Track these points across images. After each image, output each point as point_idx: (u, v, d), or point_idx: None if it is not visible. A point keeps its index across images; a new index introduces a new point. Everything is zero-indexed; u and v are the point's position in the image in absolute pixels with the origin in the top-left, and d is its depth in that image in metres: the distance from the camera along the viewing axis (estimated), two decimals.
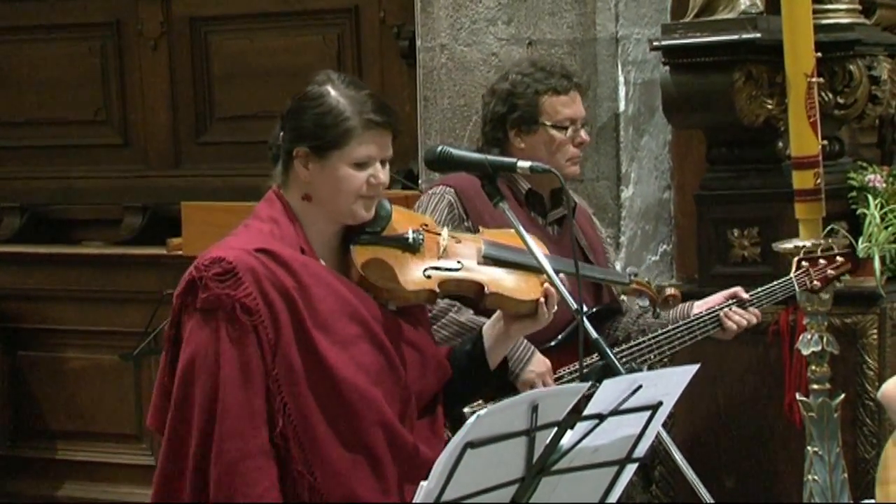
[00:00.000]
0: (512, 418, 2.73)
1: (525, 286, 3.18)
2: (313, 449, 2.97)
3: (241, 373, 2.94)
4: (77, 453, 7.13)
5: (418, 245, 3.15)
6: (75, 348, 7.14)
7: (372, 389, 3.01)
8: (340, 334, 3.01)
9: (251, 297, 2.96)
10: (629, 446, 2.93)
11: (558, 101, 4.04)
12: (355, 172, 3.06)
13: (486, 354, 3.20)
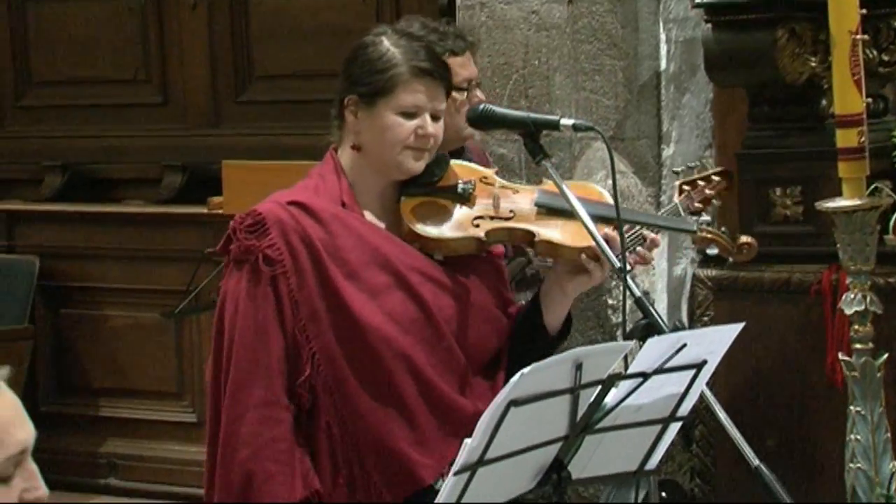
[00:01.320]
0: (556, 376, 2.74)
1: (578, 234, 3.15)
2: (343, 398, 2.98)
3: (253, 324, 2.97)
4: (119, 410, 7.18)
5: (468, 194, 3.14)
6: (117, 306, 7.17)
7: (401, 339, 3.01)
8: (369, 283, 3.02)
9: (275, 247, 2.98)
10: (673, 405, 2.93)
11: (455, 63, 4.00)
12: (402, 121, 3.05)
13: (543, 316, 3.19)
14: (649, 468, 3.04)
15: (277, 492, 2.92)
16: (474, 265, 3.17)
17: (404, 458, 3.00)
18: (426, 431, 3.03)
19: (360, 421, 2.99)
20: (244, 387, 2.95)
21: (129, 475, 7.10)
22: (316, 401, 2.99)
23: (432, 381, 3.03)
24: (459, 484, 2.72)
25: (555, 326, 3.20)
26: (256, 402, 2.95)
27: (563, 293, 3.17)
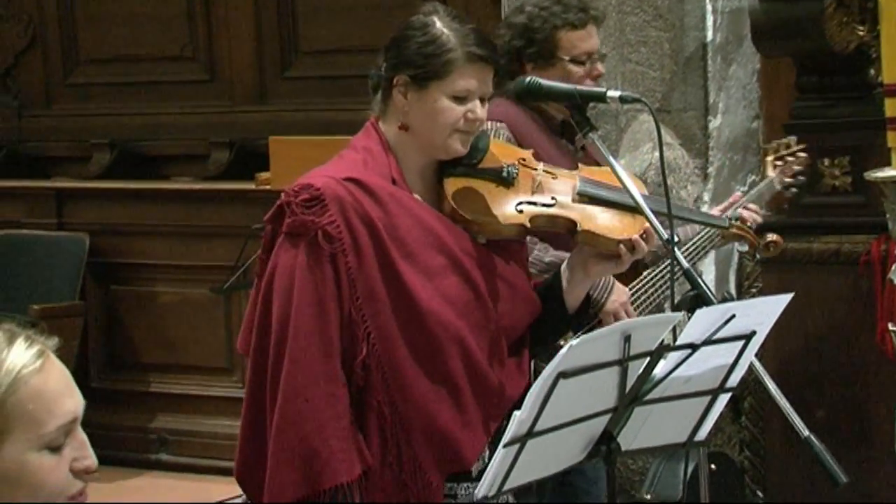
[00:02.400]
0: (604, 348, 2.74)
1: (619, 225, 3.15)
2: (395, 378, 2.98)
3: (314, 300, 2.96)
4: (169, 386, 7.22)
5: (512, 178, 3.13)
6: (166, 282, 7.21)
7: (456, 321, 3.01)
8: (426, 265, 3.02)
9: (334, 224, 2.97)
10: (722, 376, 2.93)
11: (575, 36, 4.00)
12: (453, 105, 3.05)
13: (564, 295, 3.18)
14: (699, 439, 3.04)
15: (339, 469, 2.92)
16: (509, 246, 3.17)
17: (451, 439, 3.01)
18: (471, 413, 3.04)
19: (410, 400, 3.00)
20: (305, 361, 2.95)
21: (179, 450, 7.15)
22: (368, 379, 2.99)
23: (480, 363, 3.04)
24: (509, 456, 2.73)
25: (573, 304, 3.19)
26: (318, 377, 2.95)
27: (585, 275, 3.17)
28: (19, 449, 1.92)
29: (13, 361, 1.93)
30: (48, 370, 1.96)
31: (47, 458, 1.94)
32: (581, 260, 3.16)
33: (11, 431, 1.91)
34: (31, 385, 1.93)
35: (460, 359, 3.01)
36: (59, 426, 1.95)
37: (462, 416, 3.01)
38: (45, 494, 1.93)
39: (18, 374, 1.92)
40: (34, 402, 1.93)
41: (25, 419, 1.92)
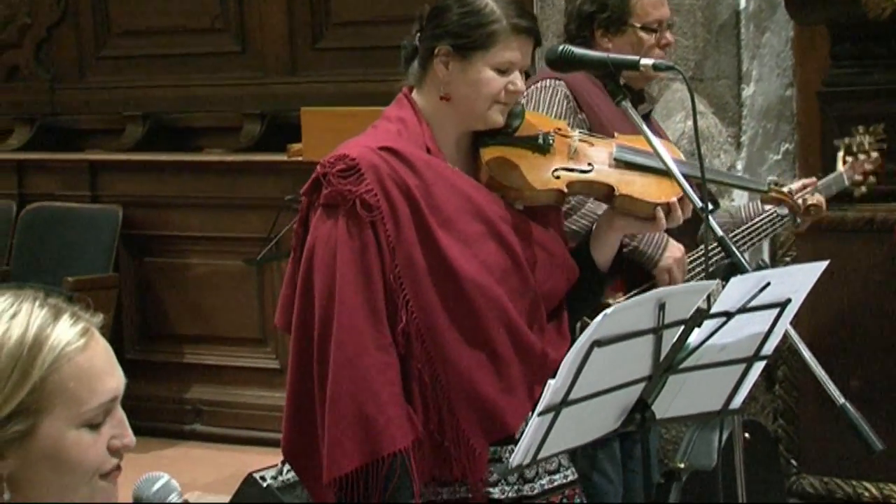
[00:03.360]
0: (639, 316, 2.73)
1: (656, 189, 3.14)
2: (436, 346, 2.99)
3: (358, 269, 2.96)
4: (203, 357, 7.25)
5: (548, 146, 3.13)
6: (199, 254, 7.24)
7: (495, 288, 3.01)
8: (464, 232, 3.02)
9: (372, 193, 2.97)
10: (757, 344, 2.92)
11: (649, 3, 3.99)
12: (496, 77, 3.04)
13: (592, 253, 3.17)
14: (733, 408, 3.03)
15: (396, 435, 2.93)
16: (546, 212, 3.17)
17: (492, 406, 3.01)
18: (512, 379, 3.04)
19: (451, 368, 3.00)
20: (355, 330, 2.95)
21: (213, 421, 7.18)
22: (409, 347, 2.99)
23: (521, 329, 3.04)
24: (543, 425, 2.73)
25: (602, 261, 3.19)
26: (369, 345, 2.95)
27: (609, 229, 3.17)
28: (58, 426, 1.92)
29: (57, 338, 1.93)
30: (92, 348, 1.97)
31: (86, 436, 1.95)
32: (608, 221, 3.16)
33: (52, 408, 1.92)
34: (74, 363, 1.93)
35: (501, 325, 3.01)
36: (100, 405, 1.95)
37: (503, 382, 3.02)
38: (82, 471, 1.94)
39: (62, 351, 1.93)
40: (76, 380, 1.93)
41: (66, 397, 1.92)
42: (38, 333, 1.93)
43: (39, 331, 1.93)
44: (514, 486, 3.05)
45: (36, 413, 1.91)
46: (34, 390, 1.90)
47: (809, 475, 5.44)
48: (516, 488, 3.05)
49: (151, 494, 2.04)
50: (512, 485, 3.05)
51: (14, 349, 1.91)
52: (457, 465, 3.00)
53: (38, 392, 1.91)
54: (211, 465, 6.45)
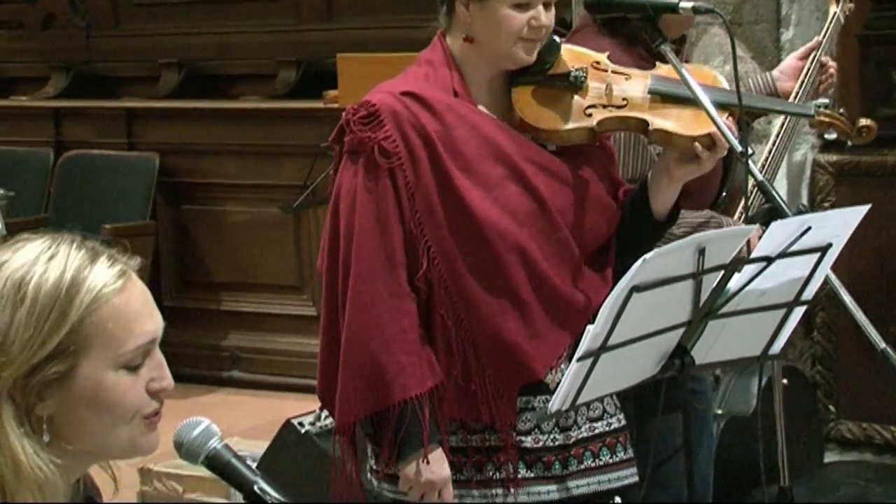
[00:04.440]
0: (678, 261, 2.72)
1: (693, 122, 3.08)
2: (458, 291, 2.98)
3: (375, 216, 2.96)
4: (241, 304, 7.28)
5: (581, 82, 3.08)
6: (236, 202, 7.25)
7: (517, 232, 2.99)
8: (485, 176, 3.00)
9: (390, 139, 2.96)
10: (797, 289, 2.90)
11: None
12: (515, 13, 3.00)
13: (650, 201, 3.14)
14: (773, 353, 3.02)
15: (409, 383, 2.93)
16: (586, 152, 3.13)
17: (518, 351, 3.00)
18: (539, 324, 3.02)
19: (474, 314, 2.99)
20: (370, 277, 2.95)
21: (251, 368, 7.22)
22: (431, 294, 2.99)
23: (546, 273, 3.02)
24: (582, 370, 2.73)
25: (662, 212, 3.14)
26: (383, 292, 2.95)
27: (670, 179, 3.11)
28: (96, 367, 1.93)
29: (94, 280, 1.94)
30: (129, 290, 1.97)
31: (124, 378, 1.95)
32: (664, 165, 3.11)
33: (89, 350, 1.92)
34: (111, 304, 1.94)
35: (523, 269, 2.99)
36: (137, 346, 1.96)
37: (529, 327, 3.00)
38: (121, 413, 1.95)
39: (99, 292, 1.93)
40: (113, 321, 1.94)
41: (104, 338, 1.93)
42: (75, 275, 1.93)
43: (77, 272, 1.93)
44: (550, 435, 3.04)
45: (74, 354, 1.91)
46: (72, 332, 1.91)
47: (848, 421, 5.43)
48: (551, 437, 3.04)
49: (192, 439, 2.05)
50: (547, 433, 3.04)
51: (51, 291, 1.91)
52: (485, 410, 2.99)
53: (76, 334, 1.91)
54: (249, 411, 6.48)
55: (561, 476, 3.04)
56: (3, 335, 1.89)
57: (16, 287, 1.91)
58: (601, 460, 3.08)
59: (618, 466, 3.10)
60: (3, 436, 1.88)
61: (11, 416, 1.89)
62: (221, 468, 2.05)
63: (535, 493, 3.03)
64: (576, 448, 3.05)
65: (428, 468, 2.94)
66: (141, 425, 1.97)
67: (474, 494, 3.01)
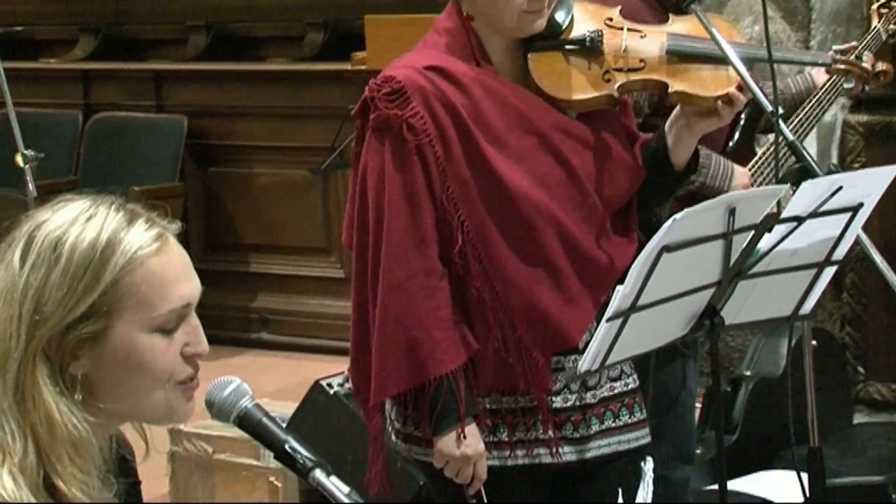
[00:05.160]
0: (708, 222, 2.71)
1: (712, 81, 3.06)
2: (492, 264, 2.97)
3: (405, 195, 2.95)
4: (269, 266, 7.29)
5: (596, 45, 3.04)
6: (264, 164, 7.25)
7: (549, 202, 2.98)
8: (515, 148, 2.98)
9: (418, 116, 2.94)
10: (828, 249, 2.89)
11: None
12: None
13: (669, 153, 3.12)
14: (803, 313, 3.01)
15: (444, 359, 2.93)
16: (603, 116, 3.11)
17: (554, 319, 2.99)
18: (572, 291, 3.01)
19: (509, 285, 2.99)
20: (402, 256, 2.95)
21: (279, 329, 7.24)
22: (466, 267, 2.99)
23: (578, 240, 3.01)
24: (612, 330, 2.73)
25: (681, 163, 3.12)
26: (416, 270, 2.95)
27: (689, 132, 3.09)
28: (130, 329, 1.93)
29: (131, 242, 1.94)
30: (166, 254, 1.97)
31: (158, 341, 1.96)
32: (683, 119, 3.09)
33: (123, 311, 1.93)
34: (146, 267, 1.94)
35: (557, 238, 2.99)
36: (172, 310, 1.96)
37: (563, 295, 3.00)
38: (154, 376, 1.95)
39: (134, 255, 1.94)
40: (147, 284, 1.94)
41: (137, 300, 1.93)
42: (111, 236, 1.94)
43: (113, 234, 1.94)
44: (577, 395, 3.05)
45: (108, 315, 1.92)
46: (105, 292, 1.92)
47: (877, 382, 5.42)
48: (578, 396, 3.05)
49: (224, 398, 2.05)
50: (574, 393, 3.05)
51: (87, 251, 1.92)
52: (521, 379, 3.00)
53: (110, 295, 1.92)
54: (278, 372, 6.50)
55: (584, 437, 3.05)
56: (38, 294, 1.91)
57: (52, 247, 1.92)
58: (620, 420, 3.09)
59: (634, 427, 3.11)
60: (37, 393, 1.90)
61: (46, 375, 1.90)
62: (252, 427, 2.06)
63: (561, 453, 3.04)
64: (597, 408, 3.06)
65: (464, 443, 2.95)
66: (176, 391, 1.98)
67: (506, 455, 3.02)
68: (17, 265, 1.92)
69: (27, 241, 1.94)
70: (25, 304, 1.90)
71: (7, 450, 1.88)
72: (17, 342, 1.90)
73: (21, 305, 1.91)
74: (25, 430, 1.89)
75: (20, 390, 1.90)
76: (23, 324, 1.90)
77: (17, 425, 1.89)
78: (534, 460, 3.03)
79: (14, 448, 1.88)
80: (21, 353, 1.90)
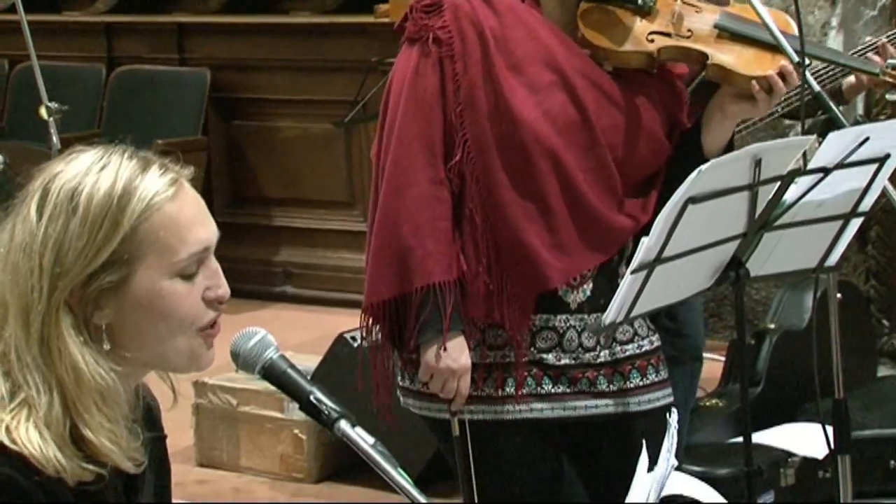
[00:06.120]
0: (734, 173, 2.70)
1: (753, 62, 3.04)
2: (488, 188, 2.97)
3: (419, 104, 2.97)
4: (292, 220, 7.30)
5: (649, 8, 3.05)
6: (287, 117, 7.25)
7: (553, 138, 2.97)
8: (532, 79, 2.99)
9: (446, 29, 2.98)
10: (854, 200, 2.88)
11: None
12: None
13: (703, 137, 3.11)
14: (829, 265, 3.00)
15: (433, 270, 2.94)
16: (649, 83, 3.09)
17: (536, 258, 2.97)
18: (565, 237, 2.99)
19: (500, 213, 2.98)
20: (408, 161, 2.97)
21: (303, 283, 7.25)
22: (463, 187, 3.00)
23: (580, 187, 2.99)
24: (636, 282, 2.72)
25: (713, 149, 3.10)
26: (419, 178, 2.96)
27: (724, 116, 3.07)
28: (151, 275, 1.94)
29: (147, 188, 1.94)
30: (181, 198, 1.97)
31: (179, 286, 1.96)
32: (719, 101, 3.08)
33: (144, 258, 1.93)
34: (163, 212, 1.94)
35: (555, 177, 2.97)
36: (191, 254, 1.96)
37: (552, 236, 2.98)
38: (177, 321, 1.96)
39: (151, 201, 1.94)
40: (166, 229, 1.94)
41: (157, 246, 1.94)
42: (127, 184, 1.94)
43: (128, 181, 1.94)
44: (572, 354, 3.02)
45: (129, 263, 1.92)
46: (125, 240, 1.92)
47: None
48: (573, 356, 3.03)
49: (249, 349, 2.06)
50: (569, 352, 3.02)
51: (103, 200, 1.92)
52: (498, 311, 2.98)
53: (129, 242, 1.92)
54: (301, 326, 6.52)
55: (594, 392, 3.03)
56: (58, 245, 1.91)
57: (69, 197, 1.92)
58: (631, 383, 3.06)
59: (650, 388, 3.08)
60: (62, 345, 1.90)
61: (70, 326, 1.91)
62: (277, 378, 2.06)
63: (572, 407, 3.03)
64: (606, 368, 3.04)
65: (447, 355, 2.95)
66: (198, 338, 1.98)
67: (496, 409, 3.02)
68: (35, 218, 1.93)
69: (42, 193, 1.94)
70: (46, 256, 1.91)
71: (32, 404, 1.89)
72: (39, 295, 1.90)
73: (41, 258, 1.91)
74: (51, 382, 1.90)
75: (45, 343, 1.90)
76: (44, 276, 1.90)
77: (42, 378, 1.89)
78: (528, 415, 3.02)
79: (39, 401, 1.88)
80: (44, 306, 1.90)
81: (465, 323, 2.98)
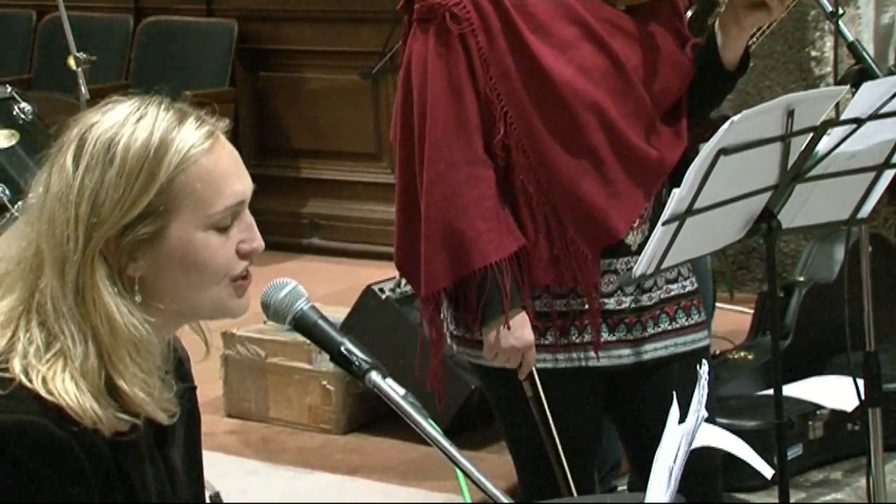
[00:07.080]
0: (766, 124, 2.69)
1: None
2: (536, 155, 2.96)
3: (448, 84, 2.94)
4: (319, 172, 7.29)
5: None
6: (314, 68, 7.23)
7: (592, 91, 2.95)
8: (558, 37, 2.96)
9: (461, 5, 2.93)
10: (888, 151, 2.86)
11: None
12: None
13: (720, 50, 3.08)
14: (861, 217, 2.99)
15: (487, 249, 2.93)
16: (655, 9, 3.07)
17: (599, 211, 2.97)
18: (618, 183, 2.99)
19: (554, 177, 2.97)
20: (444, 146, 2.94)
21: (331, 235, 7.25)
22: (510, 159, 2.97)
23: (624, 132, 2.98)
24: (668, 233, 2.72)
25: (732, 62, 3.08)
26: (459, 159, 2.94)
27: (739, 27, 3.04)
28: (186, 228, 1.94)
29: (183, 140, 1.94)
30: (217, 151, 1.97)
31: (214, 238, 1.96)
32: (732, 13, 3.04)
33: (179, 210, 1.93)
34: (199, 165, 1.94)
35: (600, 128, 2.96)
36: (226, 207, 1.97)
37: (608, 186, 2.97)
38: (211, 273, 1.96)
39: (187, 153, 1.94)
40: (202, 181, 1.94)
41: (193, 198, 1.94)
42: (163, 136, 1.94)
43: (165, 133, 1.94)
44: (632, 296, 3.04)
45: (164, 215, 1.93)
46: (161, 192, 1.92)
47: None
48: (633, 298, 3.04)
49: (280, 300, 2.06)
50: (629, 295, 3.03)
51: (140, 151, 1.92)
52: (567, 272, 2.98)
53: (165, 194, 1.92)
54: (329, 278, 6.52)
55: (639, 339, 3.04)
56: (94, 196, 1.91)
57: (105, 148, 1.92)
58: (677, 323, 3.08)
59: (692, 329, 3.10)
60: (97, 295, 1.90)
61: (105, 276, 1.91)
62: (308, 329, 2.07)
63: (616, 356, 3.04)
64: (653, 310, 3.05)
65: (510, 333, 2.95)
66: (230, 287, 1.99)
67: (559, 358, 3.02)
68: (71, 168, 1.92)
69: (79, 143, 1.94)
70: (82, 207, 1.91)
71: (68, 354, 1.89)
72: (75, 245, 1.90)
73: (77, 208, 1.91)
74: (86, 332, 1.90)
75: (80, 293, 1.90)
76: (80, 226, 1.90)
77: (77, 328, 1.90)
78: (585, 363, 3.03)
79: (75, 352, 1.89)
80: (80, 256, 1.90)
81: (525, 291, 2.97)
